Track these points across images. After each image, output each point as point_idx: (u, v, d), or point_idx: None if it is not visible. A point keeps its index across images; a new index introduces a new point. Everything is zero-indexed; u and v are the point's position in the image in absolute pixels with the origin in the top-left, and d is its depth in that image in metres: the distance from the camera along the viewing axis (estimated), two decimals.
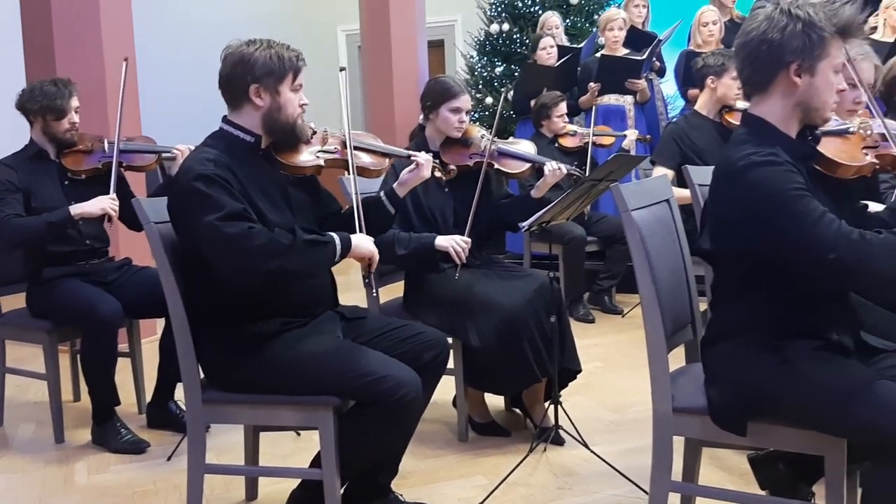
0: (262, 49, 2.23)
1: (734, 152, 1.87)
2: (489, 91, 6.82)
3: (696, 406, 2.01)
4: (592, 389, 3.60)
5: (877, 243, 1.72)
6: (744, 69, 1.92)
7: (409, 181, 2.63)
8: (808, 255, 1.74)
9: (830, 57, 1.84)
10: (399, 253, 2.91)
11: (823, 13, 1.82)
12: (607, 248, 4.96)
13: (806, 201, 1.76)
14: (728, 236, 1.90)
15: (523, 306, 2.88)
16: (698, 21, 5.47)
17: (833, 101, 1.90)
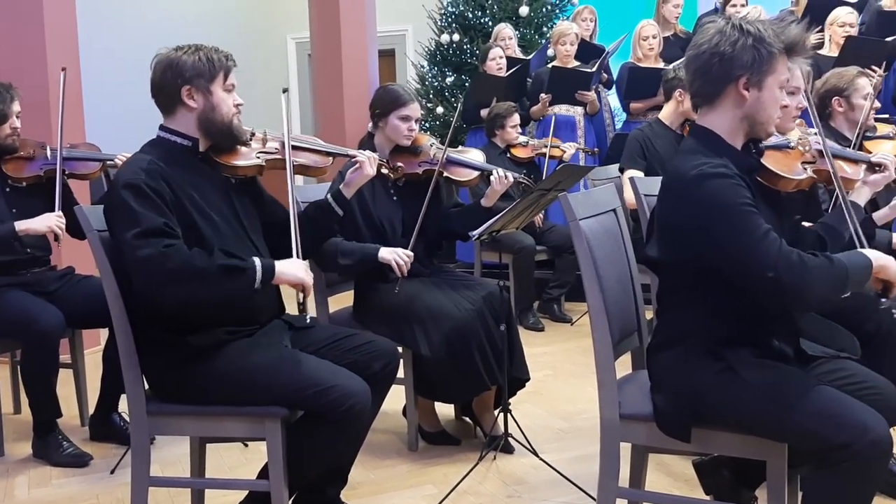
0: (189, 52, 2.23)
1: (684, 162, 1.91)
2: (440, 101, 6.85)
3: (643, 413, 2.03)
4: (542, 397, 3.62)
5: (813, 267, 1.77)
6: (694, 81, 1.97)
7: (354, 181, 2.61)
8: (748, 271, 1.78)
9: (777, 73, 1.90)
10: (342, 263, 2.90)
11: (772, 30, 1.89)
12: (557, 257, 5.01)
13: (753, 217, 1.80)
14: (676, 245, 1.93)
15: (473, 315, 2.89)
16: (638, 35, 5.57)
17: (777, 115, 1.96)
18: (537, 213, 3.08)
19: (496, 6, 6.74)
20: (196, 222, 2.18)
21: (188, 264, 2.05)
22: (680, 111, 4.03)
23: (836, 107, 3.10)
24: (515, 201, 2.80)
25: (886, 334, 2.66)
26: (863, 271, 1.84)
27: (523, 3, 6.66)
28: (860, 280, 1.84)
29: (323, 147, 2.58)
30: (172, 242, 2.07)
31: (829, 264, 1.79)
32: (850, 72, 3.18)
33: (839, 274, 1.79)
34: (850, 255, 1.86)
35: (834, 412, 1.76)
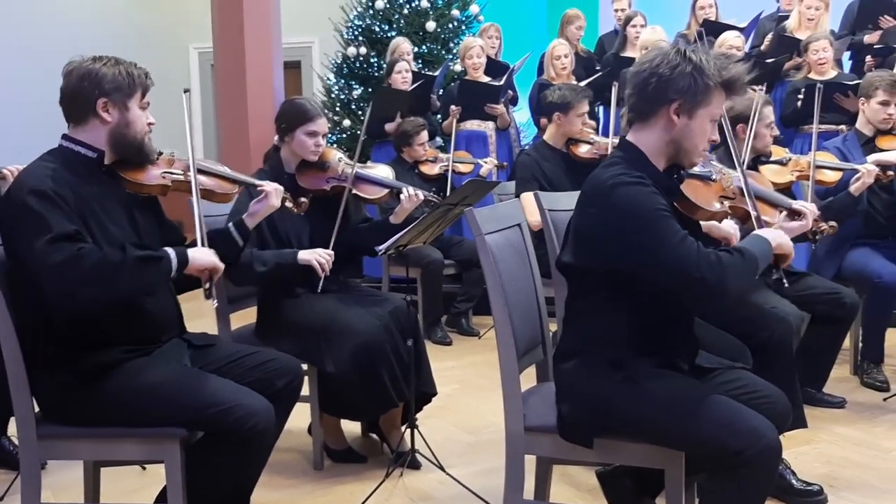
0: (110, 65, 2.18)
1: (604, 172, 1.95)
2: (346, 114, 6.81)
3: (547, 425, 2.06)
4: (449, 412, 3.62)
5: (729, 263, 1.84)
6: (631, 96, 2.02)
7: (257, 212, 2.52)
8: (671, 275, 1.83)
9: (711, 106, 1.95)
10: (259, 270, 2.83)
11: (715, 64, 1.93)
12: (465, 271, 5.03)
13: (671, 223, 1.86)
14: (591, 251, 1.97)
15: (380, 331, 2.87)
16: (551, 54, 5.70)
17: (703, 147, 2.01)
18: (444, 228, 3.09)
19: (403, 21, 6.76)
20: (95, 235, 2.10)
21: (104, 262, 2.00)
22: (561, 132, 4.21)
23: (740, 133, 3.24)
24: (422, 216, 2.80)
25: (777, 344, 2.79)
26: (767, 255, 1.95)
27: (430, 18, 6.70)
28: (765, 261, 1.95)
29: (230, 174, 2.52)
30: (84, 245, 2.01)
31: (741, 258, 1.87)
32: (758, 99, 3.32)
33: (751, 264, 1.89)
34: (753, 243, 1.95)
35: (728, 420, 1.83)
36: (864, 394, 3.70)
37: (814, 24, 5.49)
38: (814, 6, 5.46)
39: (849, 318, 3.44)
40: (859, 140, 3.84)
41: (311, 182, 3.04)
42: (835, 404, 3.52)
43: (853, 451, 3.08)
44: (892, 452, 3.06)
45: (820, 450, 3.10)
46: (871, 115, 3.81)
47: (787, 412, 2.09)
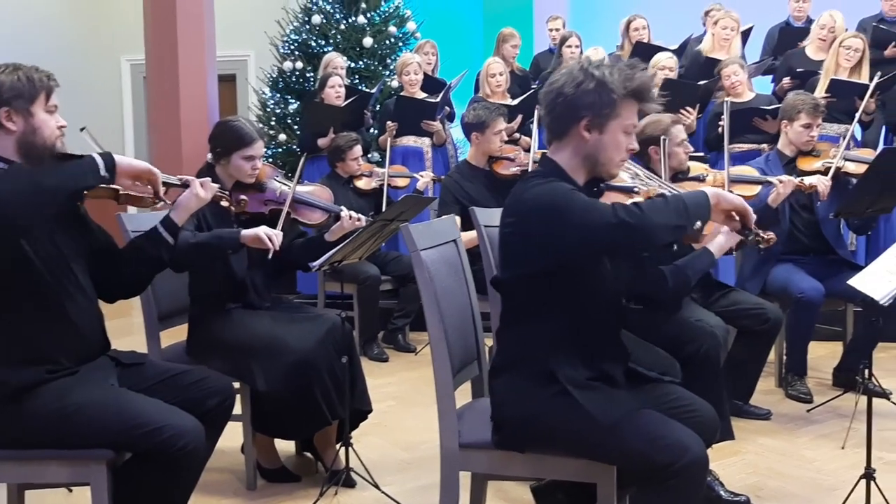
0: (7, 72, 2.10)
1: (523, 185, 2.00)
2: (282, 128, 6.76)
3: (481, 441, 2.07)
4: (385, 429, 3.60)
5: (646, 205, 1.88)
6: (545, 116, 2.05)
7: (182, 203, 2.42)
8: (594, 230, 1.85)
9: (621, 118, 1.98)
10: (192, 241, 2.71)
11: (619, 76, 1.95)
12: (402, 286, 5.02)
13: (582, 195, 1.90)
14: (520, 260, 1.99)
15: (314, 348, 2.84)
16: (486, 72, 5.76)
17: (620, 158, 2.03)
18: (380, 244, 3.09)
19: (340, 36, 6.75)
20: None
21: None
22: (481, 151, 4.27)
23: (653, 154, 3.32)
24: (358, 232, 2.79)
25: (704, 357, 2.86)
26: (699, 201, 1.93)
27: (367, 34, 6.71)
28: (701, 209, 1.93)
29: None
30: None
31: (662, 200, 1.91)
32: (665, 120, 3.42)
33: (675, 204, 1.90)
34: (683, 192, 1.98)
35: (657, 434, 1.86)
36: (788, 406, 3.81)
37: (728, 44, 5.68)
38: (729, 27, 5.65)
39: (773, 333, 3.55)
40: (781, 160, 3.97)
41: (249, 205, 3.00)
42: (761, 416, 3.62)
43: (778, 462, 3.17)
44: (814, 462, 3.15)
45: (747, 461, 3.18)
46: (794, 137, 3.94)
47: (714, 425, 2.13)
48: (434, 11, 7.53)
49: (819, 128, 3.96)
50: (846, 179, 3.97)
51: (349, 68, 6.53)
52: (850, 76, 4.97)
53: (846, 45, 4.95)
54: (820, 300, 3.70)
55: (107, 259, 2.31)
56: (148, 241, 2.38)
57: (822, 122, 4.05)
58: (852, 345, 4.01)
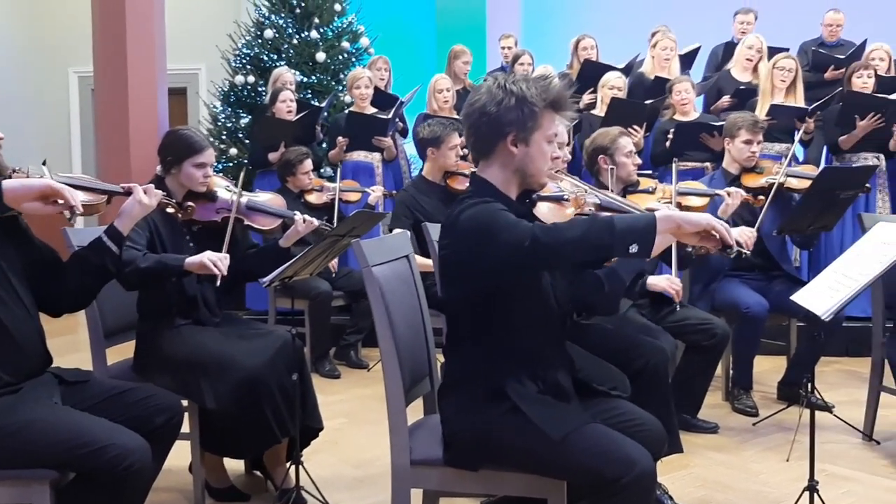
0: None
1: (457, 207, 2.01)
2: (233, 142, 6.70)
3: (433, 458, 2.07)
4: (336, 446, 3.57)
5: (563, 225, 1.90)
6: (469, 137, 2.07)
7: (126, 210, 2.38)
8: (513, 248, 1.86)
9: (543, 128, 2.02)
10: (141, 266, 2.69)
11: (535, 89, 2.00)
12: (354, 302, 5.00)
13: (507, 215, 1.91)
14: (457, 281, 2.01)
15: (264, 365, 2.80)
16: (433, 88, 5.79)
17: (547, 168, 2.08)
18: (331, 259, 3.07)
19: (292, 51, 6.72)
20: None
21: None
22: (437, 166, 4.30)
23: (602, 164, 3.36)
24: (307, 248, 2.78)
25: (652, 372, 2.90)
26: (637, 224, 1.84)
27: (320, 49, 6.69)
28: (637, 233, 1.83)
29: (95, 185, 2.42)
30: None
31: (589, 219, 1.90)
32: (612, 132, 3.48)
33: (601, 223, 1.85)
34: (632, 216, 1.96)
35: (605, 448, 1.88)
36: (735, 419, 3.88)
37: (668, 64, 5.81)
38: (668, 48, 5.79)
39: (720, 347, 3.61)
40: (725, 178, 4.06)
41: (201, 213, 2.97)
42: (708, 430, 3.68)
43: (725, 475, 3.22)
44: (760, 475, 3.21)
45: (695, 474, 3.22)
46: (737, 153, 4.04)
47: (662, 439, 2.16)
48: (388, 27, 7.56)
49: (760, 144, 4.06)
50: (789, 195, 4.07)
51: (302, 83, 6.51)
52: (786, 97, 5.13)
53: (780, 66, 5.12)
54: (765, 315, 3.78)
55: (50, 272, 2.26)
56: (92, 251, 2.33)
57: (765, 141, 4.15)
58: (796, 359, 4.10)
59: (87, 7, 6.86)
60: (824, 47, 6.36)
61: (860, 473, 3.19)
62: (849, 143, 5.12)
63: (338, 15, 6.98)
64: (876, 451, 3.42)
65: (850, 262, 2.76)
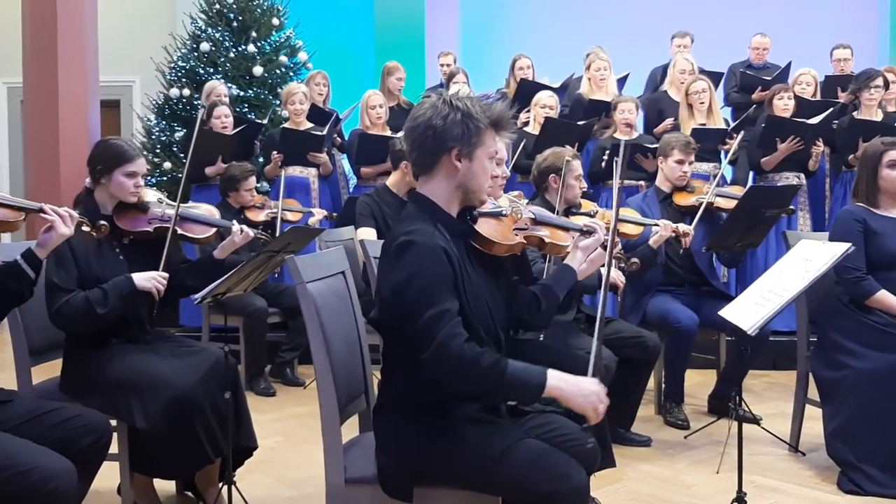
0: None
1: (400, 227, 2.00)
2: (167, 156, 6.59)
3: (368, 476, 2.06)
4: (271, 466, 3.53)
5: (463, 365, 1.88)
6: (412, 151, 2.08)
7: (47, 242, 2.37)
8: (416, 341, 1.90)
9: (485, 146, 2.05)
10: (101, 313, 2.68)
11: (479, 107, 2.04)
12: (290, 319, 4.94)
13: (439, 292, 1.91)
14: (389, 305, 2.00)
15: (196, 384, 2.74)
16: (366, 104, 5.78)
17: (488, 185, 2.11)
18: (266, 276, 3.04)
19: (229, 64, 6.66)
20: None
21: None
22: (406, 181, 4.26)
23: (552, 183, 3.41)
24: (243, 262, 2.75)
25: None
26: (525, 390, 1.93)
27: (257, 63, 6.64)
28: (523, 396, 1.96)
29: (9, 201, 2.36)
30: None
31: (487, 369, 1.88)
32: (566, 153, 3.53)
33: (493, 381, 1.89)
34: (525, 369, 1.94)
35: (539, 463, 1.90)
36: (667, 432, 3.96)
37: (604, 83, 5.95)
38: (602, 68, 5.92)
39: (652, 361, 3.69)
40: (658, 196, 4.17)
41: (132, 224, 2.91)
42: (641, 443, 3.74)
43: (658, 488, 3.27)
44: (691, 487, 3.28)
45: (629, 487, 3.27)
46: (669, 172, 4.15)
47: (595, 453, 2.19)
48: (326, 42, 7.55)
49: (692, 165, 4.18)
50: (718, 214, 4.19)
51: (238, 97, 6.45)
52: (707, 118, 5.31)
53: (693, 89, 5.33)
54: (695, 329, 3.88)
55: None
56: (7, 274, 2.26)
57: (694, 161, 4.27)
58: (725, 373, 4.20)
59: (17, 15, 6.69)
60: (752, 69, 6.58)
61: (787, 484, 3.28)
62: (770, 164, 5.32)
63: (276, 29, 6.95)
64: (802, 463, 3.52)
65: (775, 278, 2.85)
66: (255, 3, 6.88)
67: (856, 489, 3.11)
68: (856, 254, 3.13)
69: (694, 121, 5.32)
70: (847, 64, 6.38)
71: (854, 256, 3.10)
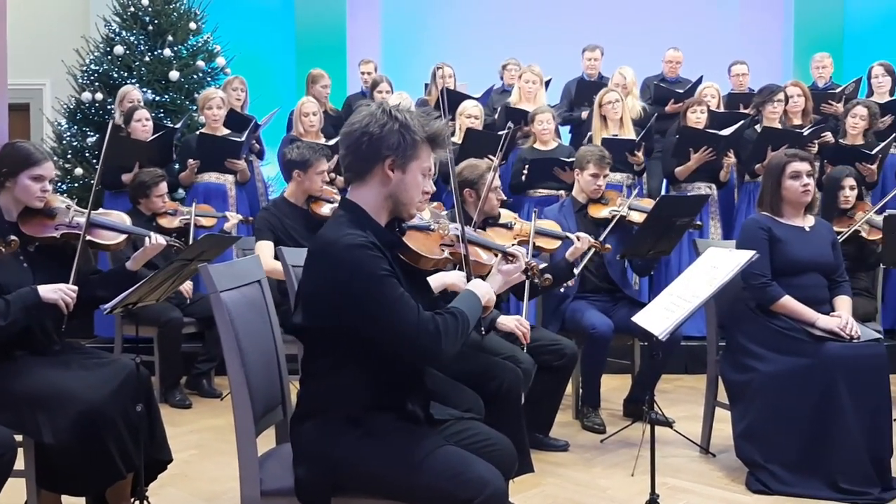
0: None
1: (331, 232, 1.99)
2: (79, 161, 6.38)
3: (284, 488, 2.04)
4: (186, 479, 3.45)
5: (445, 329, 1.95)
6: (346, 156, 2.07)
7: None
8: (390, 336, 1.91)
9: (420, 159, 2.06)
10: (2, 324, 2.57)
11: (418, 121, 2.05)
12: (207, 329, 4.84)
13: (392, 284, 1.92)
14: (320, 312, 1.99)
15: (106, 397, 2.66)
16: (299, 112, 5.75)
17: (419, 199, 2.11)
18: (179, 285, 2.98)
19: (144, 68, 6.50)
20: None
21: None
22: (301, 189, 4.29)
23: (468, 196, 3.44)
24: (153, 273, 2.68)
25: (506, 393, 2.97)
26: (478, 310, 2.11)
27: (173, 67, 6.50)
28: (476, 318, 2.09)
29: None
30: None
31: (455, 321, 1.98)
32: (480, 166, 3.58)
33: (464, 325, 2.01)
34: (466, 302, 2.08)
35: (457, 470, 1.92)
36: (584, 436, 4.03)
37: (534, 95, 6.05)
38: (532, 80, 6.03)
39: (569, 367, 3.76)
40: (574, 207, 4.26)
41: (38, 230, 2.81)
42: (559, 448, 3.80)
43: (575, 492, 3.33)
44: (608, 490, 3.34)
45: (547, 492, 3.32)
46: (584, 185, 4.24)
47: (513, 458, 2.22)
48: (245, 48, 7.44)
49: (606, 178, 4.28)
50: (630, 226, 4.30)
51: (154, 102, 6.30)
52: (619, 129, 5.47)
53: (605, 100, 5.49)
54: (610, 335, 3.96)
55: None
56: None
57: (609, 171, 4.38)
58: (639, 377, 4.32)
59: None
60: (665, 82, 6.79)
61: (698, 485, 3.37)
62: (684, 173, 5.50)
63: (193, 33, 6.82)
64: (712, 464, 3.63)
65: (684, 284, 2.95)
66: (171, 6, 6.74)
67: (763, 489, 3.23)
68: (761, 261, 3.26)
69: (607, 131, 5.46)
70: (745, 79, 6.72)
71: (759, 263, 3.23)
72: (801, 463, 3.20)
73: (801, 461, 3.20)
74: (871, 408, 3.19)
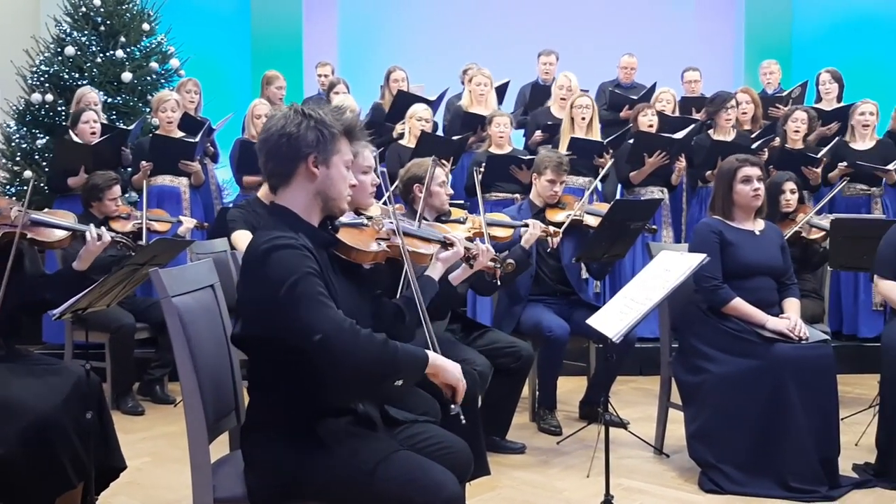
0: None
1: (259, 238, 1.98)
2: (28, 164, 6.24)
3: (237, 495, 2.02)
4: (139, 487, 3.39)
5: (363, 337, 1.89)
6: (268, 162, 2.05)
7: None
8: (299, 333, 1.87)
9: (341, 153, 2.06)
10: None
11: (330, 115, 2.05)
12: (160, 334, 4.76)
13: (310, 282, 1.89)
14: (254, 320, 1.97)
15: (56, 406, 2.60)
16: (251, 114, 5.70)
17: (347, 193, 2.11)
18: (131, 290, 2.93)
19: (96, 70, 6.38)
20: None
21: None
22: None
23: (417, 192, 3.45)
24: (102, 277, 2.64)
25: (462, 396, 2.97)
26: (415, 363, 1.97)
27: (126, 69, 6.40)
28: (412, 371, 1.97)
29: None
30: None
31: (380, 342, 1.92)
32: (427, 162, 3.58)
33: (388, 354, 1.91)
34: (408, 346, 1.98)
35: (412, 475, 1.91)
36: (540, 438, 4.05)
37: (484, 98, 6.08)
38: (482, 83, 6.06)
39: (526, 369, 3.78)
40: (531, 210, 4.28)
41: None
42: (515, 450, 3.81)
43: (532, 494, 3.35)
44: (563, 492, 3.36)
45: (503, 495, 3.33)
46: (541, 190, 4.27)
47: (468, 461, 2.21)
48: (200, 50, 7.35)
49: (563, 184, 4.31)
50: (587, 230, 4.34)
51: (106, 103, 6.19)
52: (586, 133, 5.50)
53: (577, 104, 5.51)
54: (566, 337, 3.99)
55: None
56: None
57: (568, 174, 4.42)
58: (594, 379, 4.35)
59: None
60: (620, 88, 6.87)
61: (652, 486, 3.41)
62: (639, 178, 5.58)
63: (146, 34, 6.72)
64: (666, 464, 3.68)
65: (637, 287, 2.99)
66: (123, 7, 6.63)
67: (715, 488, 3.28)
68: (712, 264, 3.31)
69: (573, 133, 5.49)
70: (697, 85, 6.86)
71: (711, 266, 3.28)
72: (752, 463, 3.26)
73: (753, 461, 3.26)
74: (820, 408, 3.27)
